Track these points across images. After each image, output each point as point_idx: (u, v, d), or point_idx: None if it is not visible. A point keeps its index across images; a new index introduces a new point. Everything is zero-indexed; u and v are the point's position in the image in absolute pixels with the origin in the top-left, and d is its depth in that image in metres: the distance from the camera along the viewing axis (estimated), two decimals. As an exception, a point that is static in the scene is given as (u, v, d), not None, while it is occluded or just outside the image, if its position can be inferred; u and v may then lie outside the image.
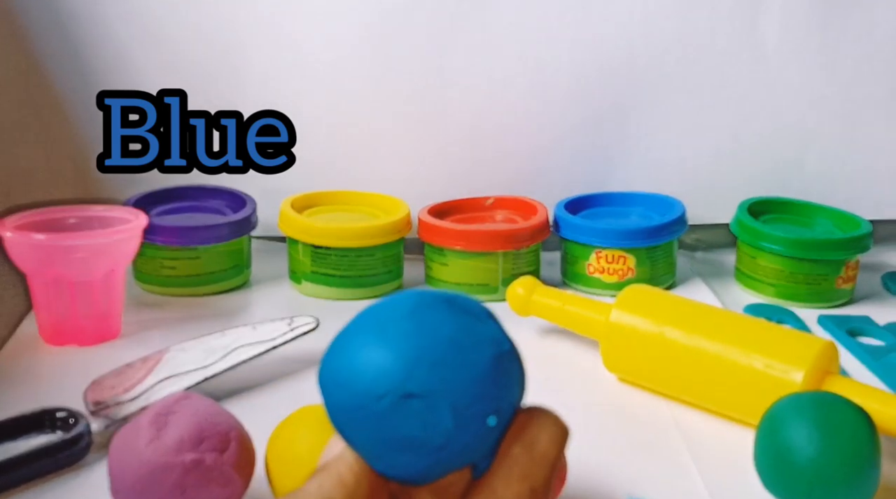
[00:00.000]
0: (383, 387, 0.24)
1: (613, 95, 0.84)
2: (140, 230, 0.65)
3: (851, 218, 0.79)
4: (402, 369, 0.24)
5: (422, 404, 0.24)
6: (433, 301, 0.26)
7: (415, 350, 0.24)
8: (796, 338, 0.57)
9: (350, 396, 0.25)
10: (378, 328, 0.25)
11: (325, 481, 0.25)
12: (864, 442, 0.46)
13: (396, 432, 0.24)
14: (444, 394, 0.24)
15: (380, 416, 0.24)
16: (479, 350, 0.25)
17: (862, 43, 0.83)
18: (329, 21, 0.81)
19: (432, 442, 0.24)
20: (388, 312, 0.26)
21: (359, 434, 0.25)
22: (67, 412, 0.53)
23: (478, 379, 0.24)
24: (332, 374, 0.26)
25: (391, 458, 0.25)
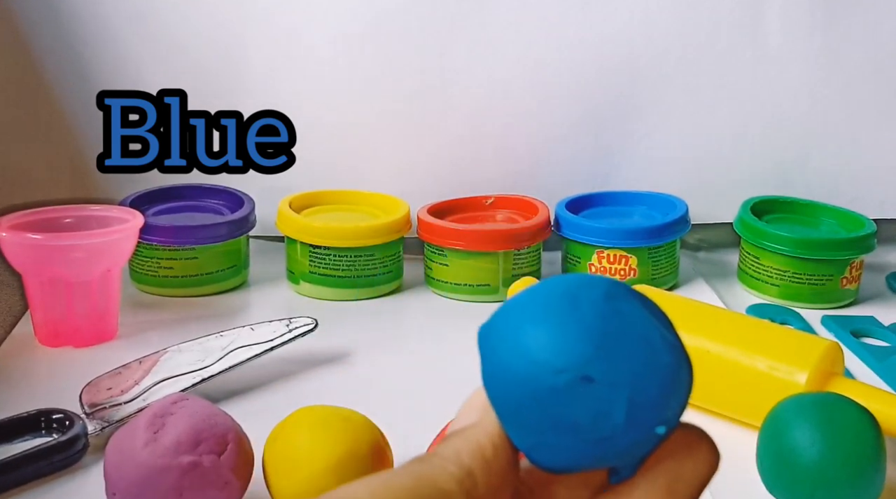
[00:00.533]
0: (566, 362, 0.23)
1: (615, 94, 0.84)
2: (136, 230, 0.65)
3: (856, 217, 0.78)
4: (590, 349, 0.23)
5: (600, 391, 0.23)
6: (628, 293, 0.24)
7: (607, 334, 0.23)
8: (800, 339, 0.56)
9: (525, 362, 0.23)
10: (570, 300, 0.24)
11: (462, 448, 0.23)
12: (868, 444, 0.45)
13: (563, 413, 0.23)
14: (625, 388, 0.23)
15: (553, 391, 0.23)
16: (665, 354, 0.24)
17: (865, 41, 0.83)
18: (329, 21, 0.81)
19: (597, 433, 0.23)
20: (583, 289, 0.24)
21: (520, 405, 0.23)
22: (63, 414, 0.53)
23: (661, 383, 0.23)
24: (505, 333, 0.24)
25: (547, 438, 0.23)
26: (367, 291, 0.75)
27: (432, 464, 0.23)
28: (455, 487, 0.22)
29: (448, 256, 0.75)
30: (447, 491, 0.22)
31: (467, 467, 0.23)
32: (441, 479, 0.22)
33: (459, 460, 0.23)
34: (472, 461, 0.23)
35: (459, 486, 0.22)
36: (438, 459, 0.23)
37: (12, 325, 0.68)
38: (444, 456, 0.23)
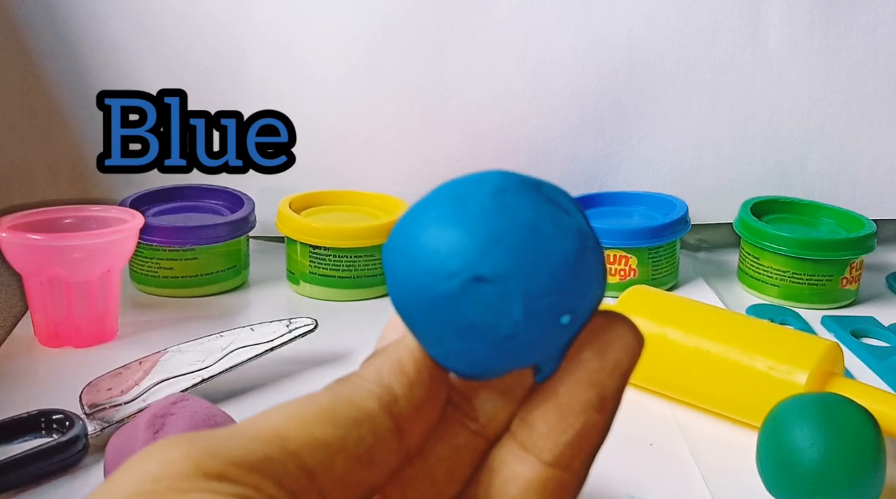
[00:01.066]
0: (454, 265, 0.22)
1: (615, 94, 0.84)
2: (136, 230, 0.65)
3: (856, 218, 0.78)
4: (476, 249, 0.22)
5: (493, 290, 0.22)
6: (519, 184, 0.24)
7: (493, 231, 0.22)
8: (800, 339, 0.56)
9: (417, 271, 0.23)
10: (456, 203, 0.23)
11: (383, 366, 0.23)
12: (868, 444, 0.45)
13: (461, 316, 0.22)
14: (517, 281, 0.22)
15: (446, 296, 0.22)
16: (562, 241, 0.23)
17: (864, 41, 0.83)
18: (329, 21, 0.81)
19: (498, 332, 0.22)
20: (470, 188, 0.23)
21: (421, 315, 0.23)
22: (63, 415, 0.52)
23: (556, 271, 0.22)
24: (399, 246, 0.23)
25: (452, 344, 0.23)
26: (367, 291, 0.75)
27: (351, 383, 0.22)
28: (374, 403, 0.22)
29: (448, 256, 0.74)
30: (366, 408, 0.21)
31: (387, 383, 0.22)
32: (360, 396, 0.22)
33: (379, 378, 0.22)
34: (392, 377, 0.22)
35: (379, 402, 0.22)
36: (358, 377, 0.22)
37: (12, 325, 0.68)
38: (363, 375, 0.23)
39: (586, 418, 0.23)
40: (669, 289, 0.78)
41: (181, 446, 0.19)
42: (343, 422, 0.21)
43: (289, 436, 0.20)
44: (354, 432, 0.21)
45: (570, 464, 0.23)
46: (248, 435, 0.20)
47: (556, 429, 0.23)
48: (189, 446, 0.19)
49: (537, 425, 0.23)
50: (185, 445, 0.19)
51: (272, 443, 0.20)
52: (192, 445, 0.19)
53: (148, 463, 0.18)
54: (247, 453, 0.19)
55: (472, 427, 0.24)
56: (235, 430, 0.20)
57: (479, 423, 0.24)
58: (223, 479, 0.18)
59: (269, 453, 0.19)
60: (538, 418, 0.23)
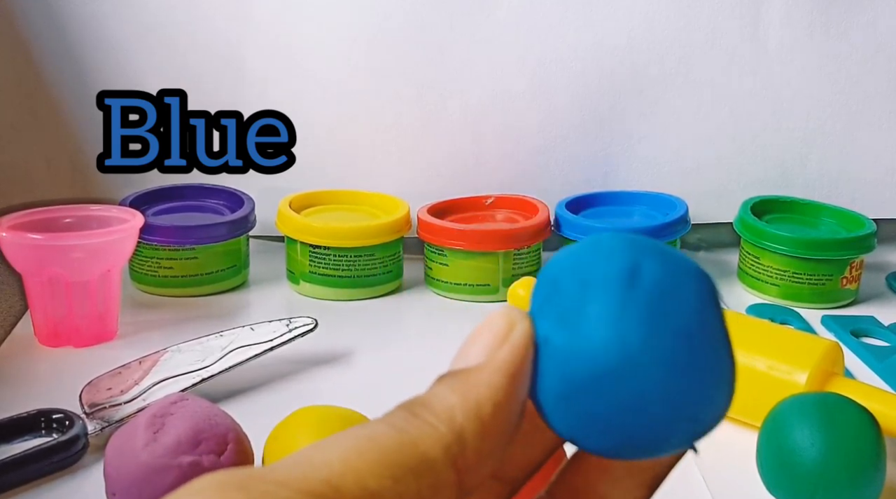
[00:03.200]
0: (639, 382, 0.21)
1: (615, 94, 0.84)
2: (136, 230, 0.65)
3: (856, 217, 0.78)
4: (661, 375, 0.22)
5: (661, 412, 0.22)
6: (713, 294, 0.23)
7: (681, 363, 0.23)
8: (800, 339, 0.56)
9: (596, 370, 0.20)
10: (648, 309, 0.21)
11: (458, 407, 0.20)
12: (868, 444, 0.45)
13: (622, 424, 0.21)
14: (682, 410, 0.23)
15: (618, 404, 0.20)
16: (721, 366, 0.24)
17: (864, 41, 0.82)
18: (329, 21, 0.81)
19: (645, 445, 0.22)
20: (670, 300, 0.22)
21: (581, 404, 0.21)
22: (63, 414, 0.52)
23: (714, 409, 0.24)
24: (573, 338, 0.21)
25: (595, 437, 0.21)
26: (367, 291, 0.75)
27: (419, 420, 0.20)
28: (440, 453, 0.19)
29: (448, 255, 0.75)
30: (431, 458, 0.19)
31: (459, 429, 0.19)
32: (427, 442, 0.19)
33: (452, 420, 0.20)
34: (467, 422, 0.20)
35: (446, 452, 0.19)
36: (428, 413, 0.20)
37: (12, 325, 0.68)
38: (435, 411, 0.20)
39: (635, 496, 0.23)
40: (669, 289, 0.78)
41: (231, 492, 0.17)
42: (403, 474, 0.19)
43: (342, 488, 0.18)
44: (413, 486, 0.19)
45: None
46: (299, 486, 0.18)
47: None
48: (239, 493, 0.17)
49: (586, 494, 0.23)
50: (235, 492, 0.17)
51: (324, 495, 0.18)
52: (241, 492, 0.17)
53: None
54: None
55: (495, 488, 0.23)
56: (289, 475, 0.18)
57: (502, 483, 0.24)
58: None
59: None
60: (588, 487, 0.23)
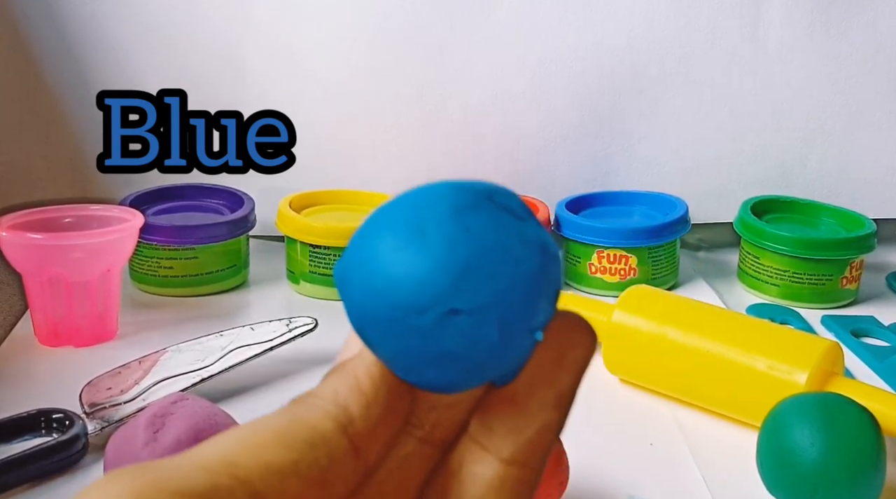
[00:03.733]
0: (425, 301, 0.21)
1: (615, 94, 0.84)
2: (136, 230, 0.65)
3: (856, 217, 0.78)
4: (448, 282, 0.21)
5: (468, 320, 0.21)
6: (475, 199, 0.22)
7: (462, 259, 0.21)
8: (800, 339, 0.56)
9: (384, 308, 0.21)
10: (416, 229, 0.22)
11: (340, 386, 0.22)
12: (868, 444, 0.45)
13: (436, 349, 0.21)
14: (492, 309, 0.21)
15: (418, 331, 0.21)
16: (528, 258, 0.22)
17: (864, 41, 0.83)
18: (329, 21, 0.81)
19: (474, 359, 0.22)
20: (425, 209, 0.22)
21: (389, 347, 0.22)
22: (63, 414, 0.52)
23: (528, 291, 0.22)
24: (359, 277, 0.22)
25: (423, 371, 0.22)
26: (367, 290, 0.75)
27: (307, 404, 0.22)
28: (330, 424, 0.21)
29: (448, 255, 0.74)
30: (321, 430, 0.21)
31: (343, 403, 0.22)
32: (315, 418, 0.21)
33: (335, 397, 0.22)
34: (349, 396, 0.22)
35: (335, 423, 0.21)
36: (314, 397, 0.22)
37: (12, 325, 0.68)
38: (320, 394, 0.22)
39: (544, 417, 0.23)
40: (669, 289, 0.78)
41: (125, 480, 0.18)
42: (297, 445, 0.20)
43: (238, 463, 0.19)
44: (309, 455, 0.20)
45: (528, 461, 0.23)
46: (195, 464, 0.19)
47: (514, 429, 0.23)
48: (133, 480, 0.18)
49: (496, 426, 0.23)
50: (130, 479, 0.18)
51: (221, 471, 0.19)
52: (136, 479, 0.18)
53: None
54: (193, 483, 0.18)
55: (417, 435, 0.24)
56: (184, 459, 0.19)
57: (424, 429, 0.24)
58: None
59: (217, 482, 0.19)
60: (497, 418, 0.23)
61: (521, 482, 0.23)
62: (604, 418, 0.58)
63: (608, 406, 0.60)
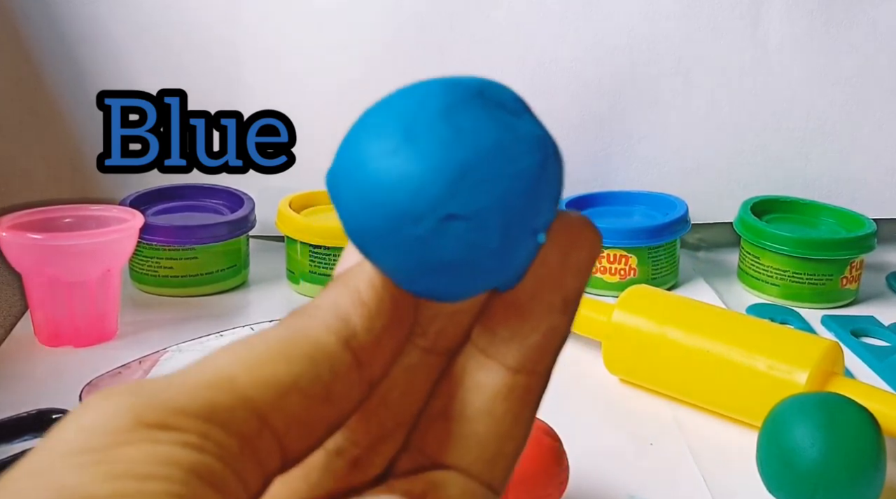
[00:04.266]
0: (421, 208, 0.20)
1: (615, 94, 0.84)
2: (136, 230, 0.65)
3: (856, 217, 0.78)
4: (443, 187, 0.20)
5: (467, 225, 0.20)
6: (466, 96, 0.21)
7: (456, 163, 0.20)
8: (800, 339, 0.56)
9: (378, 217, 0.20)
10: (406, 132, 0.21)
11: (341, 298, 0.21)
12: (868, 444, 0.45)
13: (435, 257, 0.20)
14: (491, 212, 0.20)
15: (416, 240, 0.20)
16: (526, 156, 0.21)
17: (865, 41, 0.82)
18: (329, 21, 0.81)
19: (477, 265, 0.21)
20: (415, 110, 0.21)
21: (387, 258, 0.21)
22: (63, 414, 0.52)
23: (528, 192, 0.21)
24: (351, 188, 0.21)
25: (423, 280, 0.21)
26: (367, 291, 0.75)
27: (308, 315, 0.21)
28: (331, 337, 0.20)
29: (448, 255, 0.74)
30: (322, 343, 0.20)
31: (344, 315, 0.21)
32: (315, 330, 0.20)
33: (336, 309, 0.21)
34: (350, 308, 0.21)
35: (336, 336, 0.20)
36: (315, 309, 0.21)
37: (12, 325, 0.68)
38: (321, 306, 0.21)
39: (550, 321, 0.22)
40: (669, 288, 0.78)
41: (121, 397, 0.18)
42: (296, 359, 0.20)
43: (236, 378, 0.19)
44: (309, 369, 0.19)
45: (535, 368, 0.22)
46: (192, 381, 0.18)
47: (519, 334, 0.22)
48: (129, 396, 0.18)
49: (500, 332, 0.22)
50: (125, 396, 0.18)
51: (219, 386, 0.18)
52: (132, 395, 0.18)
53: (86, 417, 0.17)
54: (190, 399, 0.18)
55: (421, 344, 0.23)
56: (180, 376, 0.19)
57: (428, 339, 0.23)
58: (165, 428, 0.17)
59: (215, 398, 0.18)
60: (500, 324, 0.22)
61: (529, 390, 0.22)
62: (604, 418, 0.58)
63: (608, 406, 0.60)
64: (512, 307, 0.22)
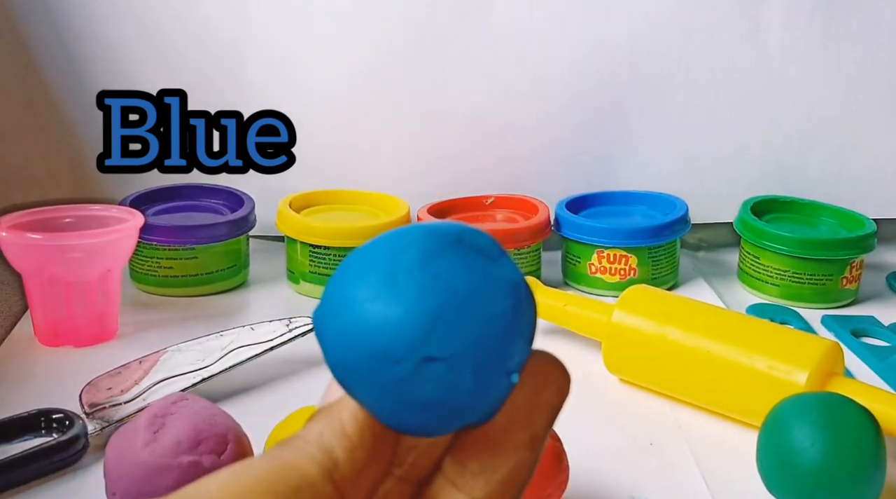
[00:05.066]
0: (399, 350, 0.21)
1: (615, 94, 0.84)
2: (136, 230, 0.65)
3: (856, 217, 0.78)
4: (420, 330, 0.21)
5: (442, 367, 0.21)
6: (443, 243, 0.22)
7: (433, 307, 0.21)
8: (800, 339, 0.56)
9: (360, 358, 0.22)
10: (387, 278, 0.22)
11: (325, 430, 0.22)
12: (868, 444, 0.45)
13: (413, 396, 0.22)
14: (467, 354, 0.21)
15: (395, 380, 0.22)
16: (500, 300, 0.22)
17: (865, 41, 0.83)
18: (329, 21, 0.81)
19: (452, 404, 0.22)
20: (395, 257, 0.22)
21: (368, 395, 0.22)
22: (63, 414, 0.52)
23: (500, 334, 0.22)
24: (335, 329, 0.23)
25: (403, 417, 0.22)
26: (367, 291, 0.75)
27: (292, 447, 0.22)
28: (315, 469, 0.21)
29: (448, 255, 0.74)
30: (307, 475, 0.21)
31: (328, 447, 0.22)
32: (300, 462, 0.21)
33: (321, 442, 0.22)
34: (334, 440, 0.22)
35: (320, 468, 0.21)
36: (299, 440, 0.22)
37: (12, 325, 0.68)
38: (305, 438, 0.22)
39: (518, 457, 0.23)
40: (669, 288, 0.78)
41: None
42: (282, 491, 0.21)
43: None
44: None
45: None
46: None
47: (489, 468, 0.23)
48: None
49: (470, 465, 0.23)
50: None
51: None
52: None
53: None
54: None
55: (396, 474, 0.24)
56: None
57: (403, 469, 0.24)
58: None
59: None
60: (471, 457, 0.23)
61: None
62: (604, 418, 0.58)
63: (608, 406, 0.60)
64: (483, 442, 0.23)
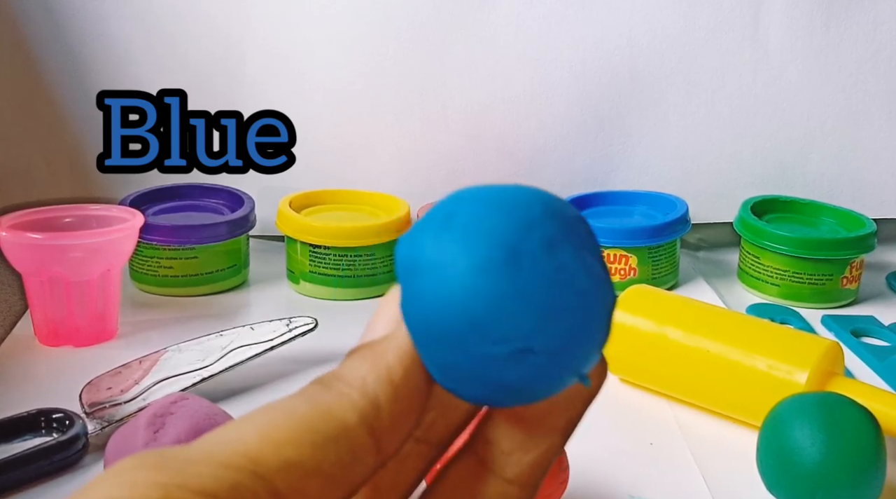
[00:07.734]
0: (504, 333, 0.20)
1: (615, 94, 0.84)
2: (136, 229, 0.65)
3: (856, 217, 0.78)
4: (532, 321, 0.20)
5: (537, 360, 0.20)
6: (565, 230, 0.21)
7: (551, 303, 0.20)
8: (800, 338, 0.56)
9: (455, 322, 0.20)
10: (510, 255, 0.20)
11: (369, 374, 0.21)
12: (868, 444, 0.45)
13: (494, 376, 0.21)
14: (562, 354, 0.21)
15: (484, 357, 0.20)
16: (603, 304, 0.21)
17: (865, 41, 0.83)
18: (329, 21, 0.81)
19: (527, 391, 0.21)
20: (521, 235, 0.21)
21: (444, 358, 0.21)
22: (63, 414, 0.52)
23: (596, 338, 0.21)
24: (434, 281, 0.21)
25: (469, 388, 0.21)
26: (367, 291, 0.75)
27: (333, 391, 0.20)
28: (355, 417, 0.20)
29: (448, 255, 0.74)
30: (346, 423, 0.20)
31: (372, 394, 0.20)
32: (341, 409, 0.20)
33: (364, 386, 0.20)
34: (378, 387, 0.20)
35: (360, 416, 0.20)
36: (340, 383, 0.21)
37: (12, 325, 0.68)
38: (346, 380, 0.21)
39: (551, 441, 0.23)
40: (669, 288, 0.78)
41: (150, 471, 0.18)
42: (321, 440, 0.19)
43: (261, 460, 0.19)
44: (332, 453, 0.19)
45: (529, 481, 0.23)
46: (218, 459, 0.19)
47: (520, 449, 0.23)
48: (158, 472, 0.18)
49: (502, 444, 0.23)
50: (154, 471, 0.18)
51: (243, 468, 0.19)
52: (160, 471, 0.18)
53: (116, 488, 0.17)
54: (216, 481, 0.18)
55: (415, 434, 0.23)
56: (203, 452, 0.19)
57: (421, 429, 0.23)
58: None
59: (240, 481, 0.18)
60: (504, 437, 0.23)
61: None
62: (604, 418, 0.58)
63: (608, 406, 0.59)
64: (519, 422, 0.23)
